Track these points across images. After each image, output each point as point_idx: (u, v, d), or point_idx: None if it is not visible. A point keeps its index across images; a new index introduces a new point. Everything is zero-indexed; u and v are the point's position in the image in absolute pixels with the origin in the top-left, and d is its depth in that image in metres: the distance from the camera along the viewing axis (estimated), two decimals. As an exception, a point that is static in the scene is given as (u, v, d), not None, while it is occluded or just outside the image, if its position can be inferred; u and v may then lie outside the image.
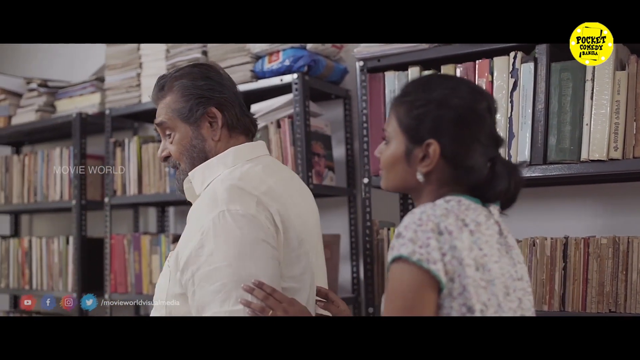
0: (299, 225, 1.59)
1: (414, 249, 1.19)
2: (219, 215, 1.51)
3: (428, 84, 1.37)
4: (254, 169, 1.63)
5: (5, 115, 3.57)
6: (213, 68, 1.74)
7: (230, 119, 1.69)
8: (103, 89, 3.19)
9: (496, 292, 1.23)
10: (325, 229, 2.71)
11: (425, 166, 1.31)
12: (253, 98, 2.60)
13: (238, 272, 1.48)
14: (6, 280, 3.54)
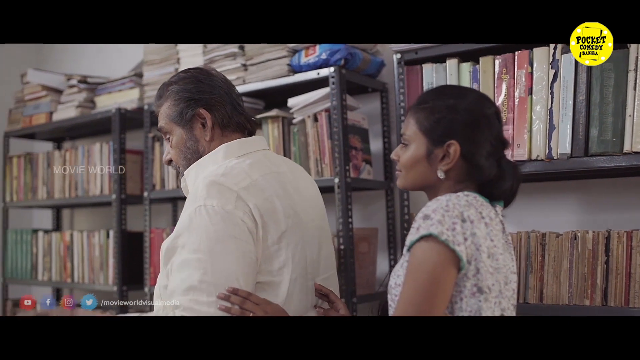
0: (284, 218, 1.64)
1: (442, 229, 1.34)
2: (195, 210, 1.59)
3: (443, 92, 1.56)
4: (241, 165, 1.69)
5: (47, 112, 3.63)
6: (204, 71, 1.83)
7: (220, 118, 1.78)
8: (141, 84, 3.23)
9: (499, 280, 1.41)
10: (362, 222, 2.73)
11: (446, 164, 1.48)
12: (290, 92, 2.60)
13: (206, 266, 1.55)
14: (49, 273, 3.60)
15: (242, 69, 2.71)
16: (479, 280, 1.38)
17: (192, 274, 1.55)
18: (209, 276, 1.54)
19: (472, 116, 1.49)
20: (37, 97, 3.69)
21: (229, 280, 1.55)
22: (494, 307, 1.41)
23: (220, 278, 1.55)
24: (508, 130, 2.07)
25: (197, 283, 1.54)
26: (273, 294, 1.63)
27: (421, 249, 1.36)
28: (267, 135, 2.63)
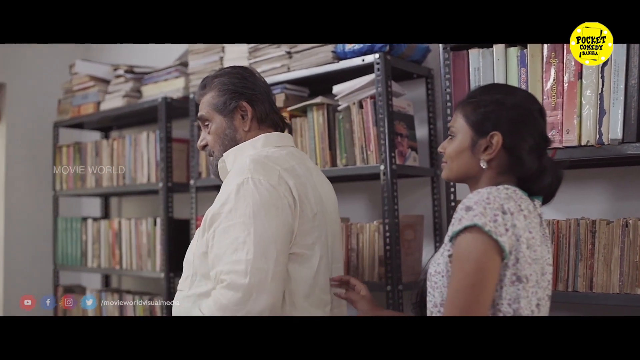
0: (314, 203, 1.85)
1: (485, 221, 1.41)
2: (243, 181, 1.76)
3: (492, 88, 1.66)
4: (280, 152, 1.90)
5: (95, 102, 3.69)
6: (248, 70, 2.03)
7: (259, 113, 1.97)
8: (187, 73, 3.25)
9: (537, 270, 1.48)
10: (408, 209, 2.71)
11: (489, 154, 1.56)
12: (334, 79, 2.60)
13: (250, 229, 1.72)
14: (98, 260, 3.67)
15: (287, 57, 2.72)
16: (518, 270, 1.45)
17: (238, 236, 1.73)
18: (251, 237, 1.72)
19: (517, 111, 1.56)
20: (85, 87, 3.76)
21: (268, 242, 1.72)
22: (531, 296, 1.47)
23: (261, 241, 1.72)
24: (557, 116, 2.03)
25: (241, 244, 1.72)
26: (306, 265, 1.82)
27: (466, 239, 1.44)
28: (311, 123, 2.63)
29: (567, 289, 2.03)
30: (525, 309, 1.46)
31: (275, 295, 1.73)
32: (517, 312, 1.45)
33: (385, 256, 2.38)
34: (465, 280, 1.42)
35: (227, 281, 1.71)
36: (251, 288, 1.69)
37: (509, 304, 1.45)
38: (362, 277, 2.51)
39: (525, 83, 2.10)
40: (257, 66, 2.82)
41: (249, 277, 1.69)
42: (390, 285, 2.35)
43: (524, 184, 1.57)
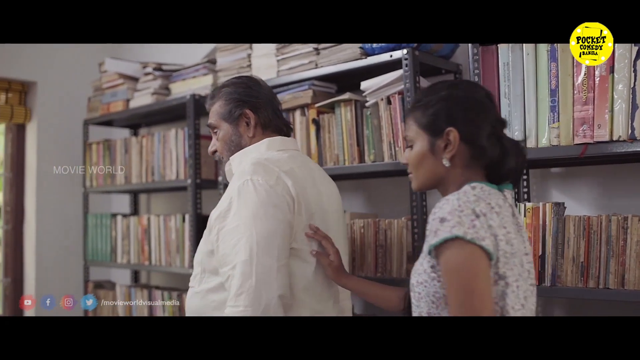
0: (312, 203, 1.96)
1: (465, 230, 1.40)
2: (244, 183, 1.89)
3: (434, 87, 1.64)
4: (281, 155, 2.02)
5: (124, 99, 3.72)
6: (253, 79, 2.17)
7: (263, 119, 2.10)
8: (215, 70, 3.27)
9: (517, 263, 1.48)
10: (436, 206, 2.70)
11: (449, 152, 1.55)
12: (362, 75, 2.59)
13: (251, 230, 1.83)
14: (127, 256, 3.71)
15: (315, 53, 2.72)
16: (498, 268, 1.45)
17: (241, 237, 1.84)
18: (253, 237, 1.82)
19: (465, 102, 1.57)
20: (115, 85, 3.79)
21: (269, 240, 1.83)
22: (517, 290, 1.47)
23: (262, 239, 1.83)
24: (588, 111, 2.01)
25: (243, 245, 1.83)
26: (305, 260, 1.93)
27: (452, 253, 1.42)
28: (339, 119, 2.63)
29: (599, 286, 2.01)
30: (513, 304, 1.46)
31: (282, 287, 1.83)
32: (505, 309, 1.46)
33: (414, 252, 2.37)
34: (464, 293, 1.41)
35: (236, 285, 1.81)
36: (259, 286, 1.80)
37: (495, 302, 1.45)
38: (390, 274, 2.50)
39: (556, 78, 2.08)
40: (284, 63, 2.83)
41: (255, 276, 1.80)
42: (418, 282, 2.34)
43: (492, 172, 1.58)
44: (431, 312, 1.51)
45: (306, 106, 2.76)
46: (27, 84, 4.16)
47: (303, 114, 2.78)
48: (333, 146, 2.65)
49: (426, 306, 1.52)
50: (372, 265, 2.56)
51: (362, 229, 2.60)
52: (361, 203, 3.03)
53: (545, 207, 2.12)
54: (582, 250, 2.04)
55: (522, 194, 2.47)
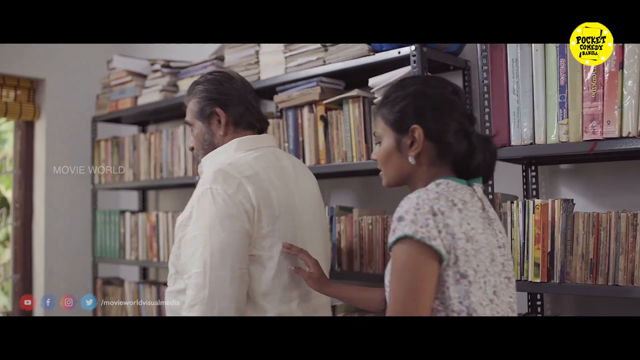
0: (278, 206, 1.94)
1: (416, 229, 1.42)
2: (203, 192, 1.90)
3: (401, 84, 1.64)
4: (247, 157, 2.00)
5: (132, 96, 3.73)
6: (226, 75, 2.15)
7: (233, 116, 2.09)
8: (223, 67, 3.26)
9: (483, 260, 1.47)
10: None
11: (415, 149, 1.57)
12: (370, 71, 2.59)
13: (206, 241, 1.86)
14: (136, 252, 3.72)
15: (323, 50, 2.71)
16: (459, 267, 1.44)
17: (197, 247, 1.88)
18: (207, 249, 1.86)
19: (431, 99, 1.58)
20: (123, 82, 3.80)
21: (224, 251, 1.85)
22: (484, 286, 1.47)
23: (216, 251, 1.85)
24: (597, 107, 2.00)
25: (199, 256, 1.86)
26: (265, 266, 1.93)
27: (400, 250, 1.44)
28: (347, 116, 2.62)
29: (608, 283, 2.00)
30: (480, 301, 1.46)
31: (236, 298, 1.87)
32: (471, 308, 1.45)
33: (422, 249, 2.36)
34: (403, 290, 1.43)
35: (190, 296, 1.87)
36: (212, 297, 1.84)
37: (459, 302, 1.45)
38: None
39: (565, 74, 2.07)
40: (292, 60, 2.82)
41: (208, 288, 1.85)
42: (427, 278, 2.34)
43: (460, 167, 1.58)
44: None
45: (314, 103, 2.76)
46: (36, 81, 4.17)
47: (311, 111, 2.77)
48: (341, 143, 2.65)
49: None
50: (380, 262, 2.56)
51: (370, 226, 2.60)
52: (369, 200, 3.03)
53: (554, 203, 2.11)
54: (592, 247, 2.04)
55: (530, 191, 2.46)
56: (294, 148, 2.82)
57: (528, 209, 2.16)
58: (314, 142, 2.74)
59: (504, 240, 1.58)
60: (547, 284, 2.12)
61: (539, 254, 2.12)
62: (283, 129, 2.88)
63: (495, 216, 1.60)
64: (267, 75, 2.95)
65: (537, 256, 2.13)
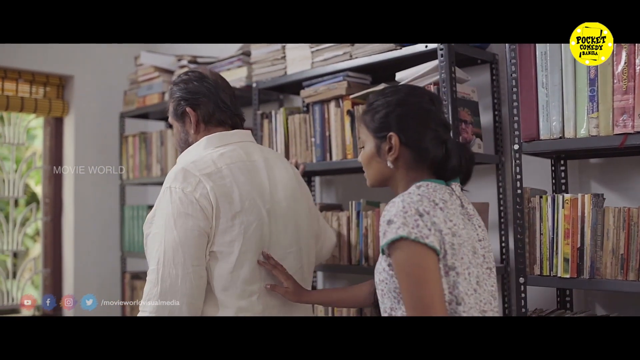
0: (236, 204, 1.97)
1: (409, 230, 1.53)
2: (164, 191, 1.97)
3: (383, 92, 1.77)
4: (212, 155, 2.03)
5: (159, 92, 3.76)
6: (197, 74, 2.18)
7: (202, 115, 2.13)
8: (249, 62, 3.27)
9: (466, 252, 1.60)
10: (473, 197, 2.66)
11: (392, 155, 1.69)
12: (397, 66, 2.58)
13: (161, 239, 1.92)
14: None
15: (349, 44, 2.71)
16: (447, 261, 1.56)
17: (154, 245, 1.94)
18: (162, 246, 1.91)
19: (406, 107, 1.70)
20: (150, 78, 3.83)
21: (176, 249, 1.90)
22: (469, 277, 1.59)
23: (169, 249, 1.90)
24: (628, 100, 1.97)
25: (154, 253, 1.93)
26: (224, 261, 1.96)
27: (400, 251, 1.55)
28: (374, 110, 2.61)
29: (639, 279, 1.98)
30: (466, 290, 1.58)
31: (189, 294, 1.91)
32: (459, 297, 1.57)
33: (450, 244, 2.35)
34: (414, 285, 1.54)
35: (146, 291, 1.93)
36: (164, 293, 1.89)
37: (450, 292, 1.57)
38: (426, 265, 2.49)
39: (595, 67, 2.04)
40: (319, 54, 2.82)
41: (160, 284, 1.90)
42: (454, 274, 2.33)
43: (437, 170, 1.70)
44: (394, 306, 1.63)
45: (341, 97, 2.75)
46: (65, 77, 4.22)
47: (338, 106, 2.77)
48: (368, 137, 2.64)
49: (389, 302, 1.64)
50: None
51: (397, 221, 2.59)
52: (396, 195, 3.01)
53: (584, 198, 2.09)
54: (622, 242, 2.01)
55: (559, 185, 2.44)
56: (320, 143, 2.82)
57: (557, 204, 2.14)
58: (340, 137, 2.74)
59: (483, 234, 1.70)
60: (576, 279, 2.10)
61: (568, 249, 2.10)
62: (310, 124, 2.88)
63: (474, 212, 1.73)
64: (294, 70, 2.95)
65: (566, 251, 2.11)
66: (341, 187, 3.28)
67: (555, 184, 2.46)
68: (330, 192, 3.36)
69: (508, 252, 2.61)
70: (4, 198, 4.06)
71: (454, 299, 1.57)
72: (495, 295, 1.68)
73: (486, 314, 1.61)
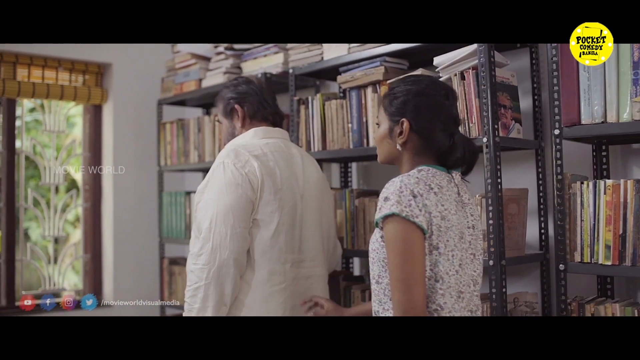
0: (280, 181, 2.33)
1: (401, 208, 1.70)
2: (218, 165, 2.33)
3: (405, 80, 1.92)
4: (259, 142, 2.41)
5: (196, 79, 3.77)
6: (245, 78, 2.60)
7: (249, 111, 2.51)
8: (286, 49, 3.27)
9: (453, 236, 1.75)
10: (511, 183, 2.65)
11: (402, 138, 1.85)
12: (435, 50, 2.55)
13: (216, 204, 2.26)
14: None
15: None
16: (432, 240, 1.72)
17: (208, 209, 2.28)
18: (215, 209, 2.25)
19: (422, 98, 1.84)
20: (187, 65, 3.85)
21: (227, 212, 2.24)
22: (452, 259, 1.75)
23: (221, 211, 2.25)
24: (673, 83, 1.93)
25: (208, 216, 2.26)
26: (265, 229, 2.31)
27: (391, 226, 1.72)
28: (411, 96, 2.59)
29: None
30: (447, 270, 1.74)
31: (235, 251, 2.25)
32: (438, 275, 1.73)
33: (488, 230, 2.33)
34: (400, 258, 1.70)
35: (198, 246, 2.27)
36: (215, 247, 2.23)
37: (430, 269, 1.73)
38: (464, 252, 2.47)
39: (639, 49, 2.00)
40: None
41: (212, 240, 2.24)
42: (492, 260, 2.31)
43: (442, 159, 1.84)
44: (381, 274, 1.80)
45: (378, 83, 2.74)
46: (103, 65, 4.26)
47: (375, 91, 2.76)
48: (405, 123, 2.62)
49: (377, 269, 1.81)
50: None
51: (434, 207, 2.57)
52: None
53: (627, 184, 2.05)
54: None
55: (601, 171, 2.40)
56: (357, 128, 2.81)
57: (599, 190, 2.11)
58: (377, 123, 2.72)
59: (474, 222, 1.85)
60: (618, 266, 2.06)
61: (610, 236, 2.07)
62: (346, 110, 2.87)
63: (469, 201, 1.86)
64: (330, 56, 2.94)
65: (607, 238, 2.08)
66: (378, 173, 3.27)
67: (596, 169, 2.41)
68: (367, 178, 3.35)
69: (547, 239, 2.58)
70: (45, 185, 4.13)
71: (434, 276, 1.73)
72: (478, 280, 1.84)
73: (462, 294, 1.76)
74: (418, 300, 1.68)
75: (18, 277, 3.92)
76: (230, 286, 2.24)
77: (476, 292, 1.82)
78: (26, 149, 4.05)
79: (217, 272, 2.22)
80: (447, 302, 1.73)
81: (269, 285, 2.30)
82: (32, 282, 4.15)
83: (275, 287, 2.31)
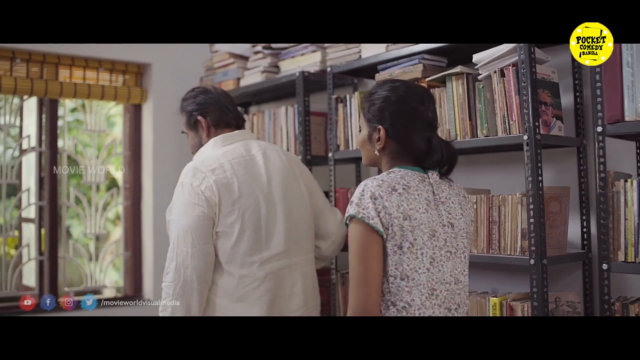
0: (235, 191, 2.39)
1: (359, 210, 1.78)
2: (178, 185, 2.43)
3: (382, 85, 1.96)
4: (216, 153, 2.48)
5: (235, 78, 3.80)
6: (201, 88, 2.69)
7: (212, 120, 2.60)
8: (323, 47, 3.27)
9: (421, 235, 1.79)
10: (553, 181, 2.62)
11: (379, 144, 1.91)
12: (474, 47, 2.53)
13: (177, 224, 2.38)
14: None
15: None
16: (396, 240, 1.78)
17: (172, 231, 2.41)
18: (176, 230, 2.37)
19: (398, 106, 1.89)
20: (225, 64, 3.87)
21: (186, 231, 2.34)
22: (421, 257, 1.79)
23: (181, 231, 2.35)
24: None
25: (171, 236, 2.40)
26: (226, 239, 2.38)
27: (351, 227, 1.81)
28: (450, 93, 2.58)
29: None
30: (416, 268, 1.78)
31: (198, 267, 2.35)
32: (404, 273, 1.78)
33: (529, 229, 2.31)
34: (355, 258, 1.78)
35: (165, 266, 2.41)
36: (178, 265, 2.35)
37: (395, 267, 1.78)
38: (504, 251, 2.45)
39: (685, 44, 1.96)
40: (394, 37, 2.80)
41: (175, 259, 2.37)
42: (533, 259, 2.29)
43: (418, 160, 1.88)
44: None
45: (417, 80, 2.72)
46: (143, 65, 4.31)
47: (413, 89, 2.74)
48: (444, 120, 2.61)
49: None
50: (485, 241, 2.51)
51: (474, 205, 2.55)
52: (474, 178, 2.97)
53: (672, 181, 2.01)
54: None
55: (637, 169, 2.35)
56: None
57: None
58: (416, 121, 2.71)
59: (452, 220, 1.87)
60: (658, 265, 2.03)
61: (655, 235, 2.03)
62: (384, 108, 2.85)
63: (447, 199, 1.89)
64: (369, 54, 2.94)
65: (653, 237, 2.04)
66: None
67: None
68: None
69: (590, 237, 2.54)
70: (87, 183, 4.19)
71: (399, 275, 1.78)
72: (461, 278, 1.87)
73: (436, 292, 1.80)
74: (371, 300, 1.75)
75: (61, 274, 3.98)
76: (196, 300, 2.35)
77: (458, 290, 1.85)
78: (68, 149, 4.12)
79: (182, 289, 2.34)
80: (416, 299, 1.77)
81: (240, 287, 2.39)
82: (74, 279, 4.22)
83: (246, 287, 2.39)
